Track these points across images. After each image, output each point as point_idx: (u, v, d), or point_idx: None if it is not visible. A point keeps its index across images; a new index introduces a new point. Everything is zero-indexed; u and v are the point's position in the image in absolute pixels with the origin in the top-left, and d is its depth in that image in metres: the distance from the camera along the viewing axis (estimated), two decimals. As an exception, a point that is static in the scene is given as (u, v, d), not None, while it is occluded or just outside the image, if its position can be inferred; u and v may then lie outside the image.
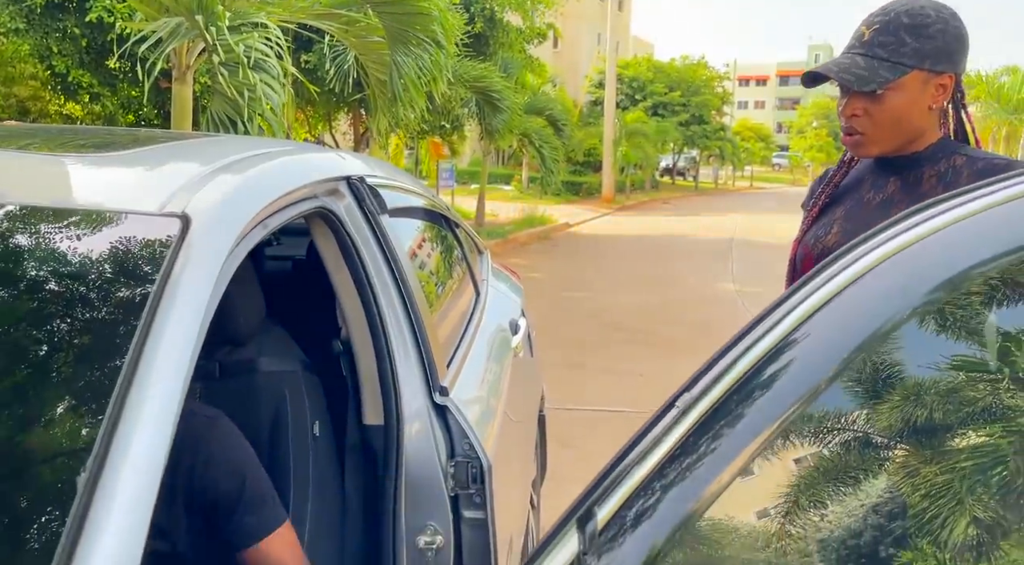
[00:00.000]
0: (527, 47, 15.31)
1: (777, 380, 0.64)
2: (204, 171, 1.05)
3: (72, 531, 0.61)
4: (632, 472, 0.61)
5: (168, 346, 0.76)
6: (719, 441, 0.63)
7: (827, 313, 0.64)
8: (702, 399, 0.63)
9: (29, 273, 0.86)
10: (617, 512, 0.60)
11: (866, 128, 1.42)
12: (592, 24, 37.82)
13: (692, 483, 0.62)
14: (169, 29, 4.26)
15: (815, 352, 0.64)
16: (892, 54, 1.36)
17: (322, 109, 11.75)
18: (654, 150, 26.70)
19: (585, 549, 0.58)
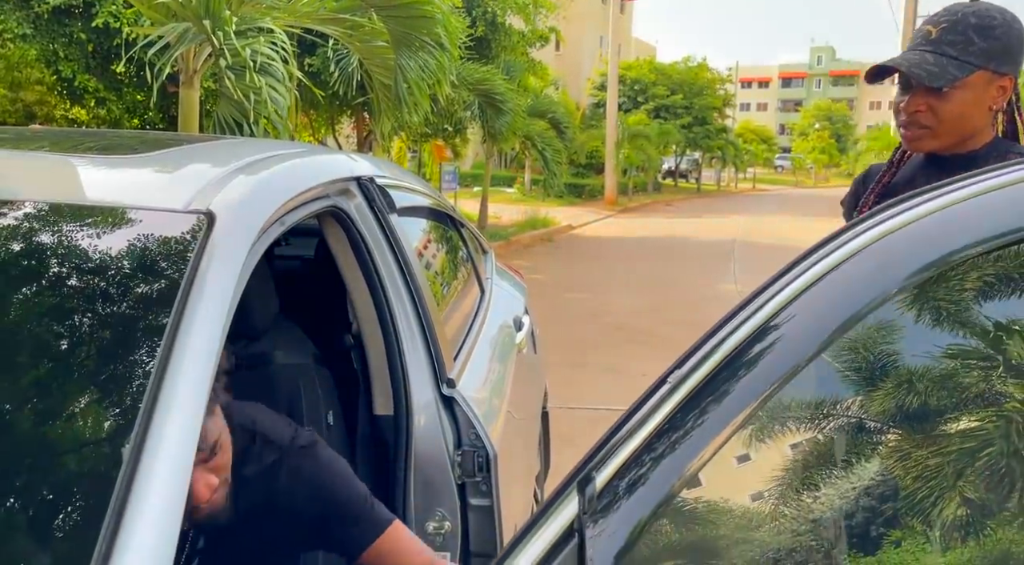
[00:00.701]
0: (529, 50, 15.37)
1: (761, 360, 0.68)
2: (225, 171, 1.11)
3: (113, 515, 0.66)
4: (627, 442, 0.65)
5: (197, 337, 0.81)
6: (705, 416, 0.68)
7: (809, 297, 0.69)
8: (691, 376, 0.68)
9: (64, 267, 0.92)
10: (612, 478, 0.64)
11: (929, 123, 1.45)
12: (594, 26, 37.90)
13: (680, 454, 0.67)
14: (177, 34, 4.32)
15: (797, 333, 0.68)
16: (961, 53, 1.40)
17: (325, 112, 11.83)
18: (656, 152, 26.74)
19: (584, 510, 0.62)
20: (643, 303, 8.37)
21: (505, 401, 1.88)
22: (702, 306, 8.29)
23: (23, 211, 0.99)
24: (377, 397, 1.46)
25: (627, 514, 0.63)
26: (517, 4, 13.33)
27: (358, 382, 1.54)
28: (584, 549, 0.61)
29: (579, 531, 0.62)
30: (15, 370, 0.81)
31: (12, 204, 1.00)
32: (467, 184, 21.04)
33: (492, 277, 2.45)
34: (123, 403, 0.76)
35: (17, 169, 1.13)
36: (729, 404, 0.68)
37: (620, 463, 0.64)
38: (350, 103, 9.82)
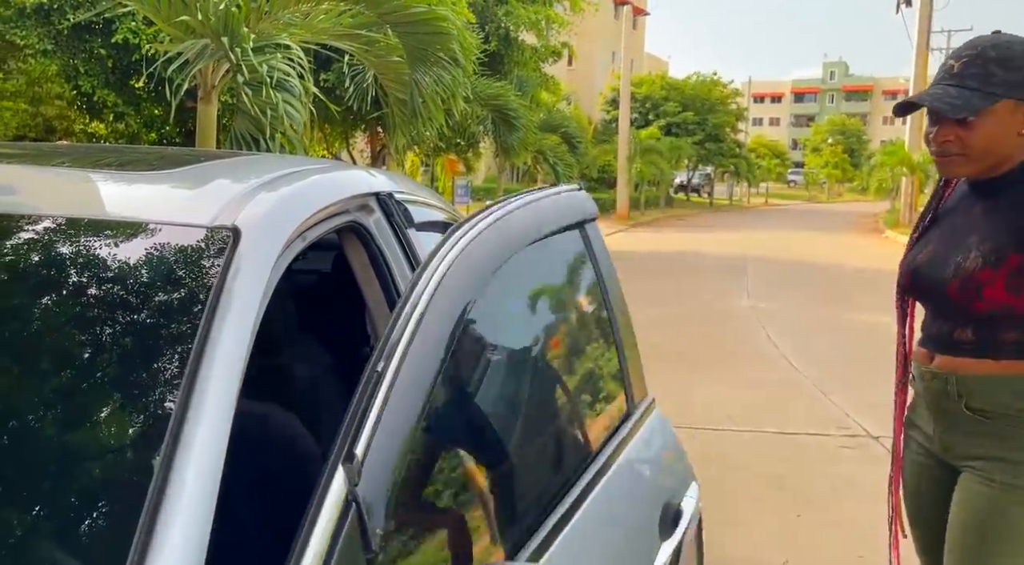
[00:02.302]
0: (542, 65, 15.49)
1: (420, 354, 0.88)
2: (248, 187, 1.12)
3: (148, 517, 0.67)
4: (365, 418, 0.79)
5: (224, 350, 0.82)
6: (409, 388, 0.86)
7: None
8: (390, 364, 0.84)
9: (95, 281, 0.93)
10: (366, 451, 0.77)
11: (959, 151, 1.52)
12: (606, 42, 38.10)
13: (404, 417, 0.85)
14: (196, 50, 4.39)
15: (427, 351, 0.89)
16: (983, 84, 1.47)
17: (340, 127, 11.95)
18: (668, 167, 26.78)
19: (354, 482, 0.74)
20: (657, 317, 8.35)
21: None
22: (716, 321, 8.26)
23: (56, 226, 1.01)
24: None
25: (383, 474, 0.79)
26: (530, 20, 13.45)
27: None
28: (362, 513, 0.73)
29: (354, 500, 0.73)
30: (50, 379, 0.82)
31: (43, 219, 1.02)
32: (479, 198, 21.12)
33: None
34: (154, 412, 0.78)
35: (48, 185, 1.16)
36: (419, 383, 0.88)
37: (367, 437, 0.78)
38: (364, 118, 9.92)
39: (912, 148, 22.30)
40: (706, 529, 3.40)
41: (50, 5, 8.74)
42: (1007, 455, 1.50)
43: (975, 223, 1.57)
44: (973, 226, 1.57)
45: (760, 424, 4.75)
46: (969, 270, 1.53)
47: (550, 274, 1.54)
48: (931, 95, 1.51)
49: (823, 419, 4.89)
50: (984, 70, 1.47)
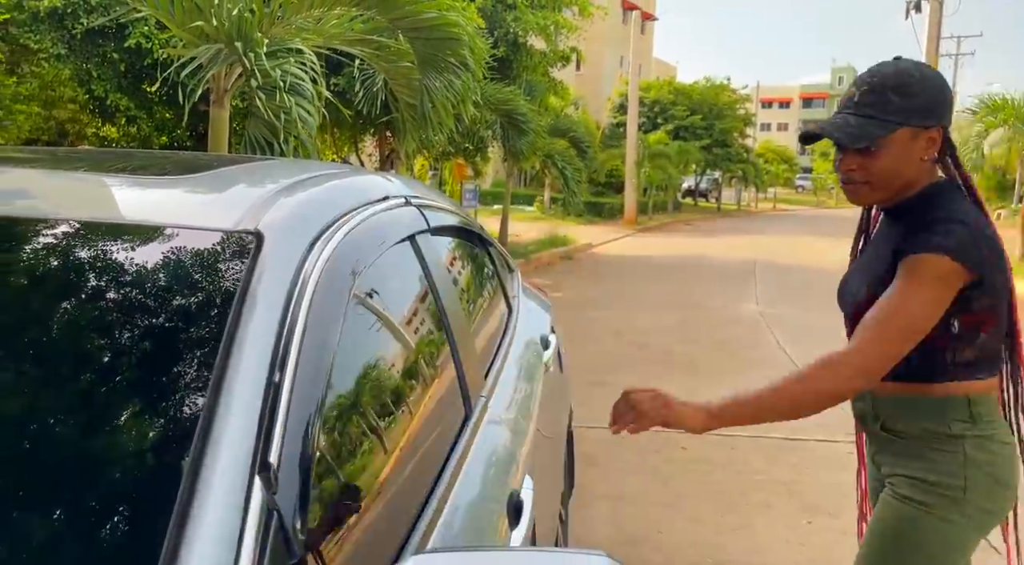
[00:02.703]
0: (550, 70, 15.50)
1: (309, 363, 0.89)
2: (269, 191, 1.15)
3: (179, 513, 0.69)
4: (273, 427, 0.80)
5: (250, 353, 0.84)
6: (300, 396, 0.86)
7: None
8: (284, 374, 0.85)
9: (121, 284, 0.95)
10: (279, 458, 0.78)
11: (863, 179, 1.54)
12: (614, 46, 38.13)
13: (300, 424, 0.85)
14: (209, 55, 4.43)
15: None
16: (881, 113, 1.48)
17: (348, 131, 11.99)
18: (676, 171, 26.75)
19: (272, 490, 0.74)
20: (664, 323, 8.35)
21: (534, 419, 1.89)
22: (724, 326, 8.25)
23: (80, 229, 1.03)
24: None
25: (297, 478, 0.79)
26: (539, 25, 13.47)
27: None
28: (283, 520, 0.74)
29: (274, 508, 0.74)
30: (76, 382, 0.84)
31: (69, 223, 1.04)
32: (486, 202, 21.16)
33: (519, 295, 2.47)
34: (184, 414, 0.79)
35: (73, 189, 1.18)
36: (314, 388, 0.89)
37: (278, 445, 0.79)
38: (374, 122, 9.96)
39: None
40: (715, 534, 3.40)
41: (64, 9, 8.82)
42: (915, 474, 1.54)
43: (877, 249, 1.61)
44: (875, 252, 1.62)
45: (768, 430, 4.75)
46: (860, 299, 1.58)
47: (391, 283, 1.49)
48: (832, 125, 1.52)
49: (831, 425, 4.87)
50: (882, 98, 1.48)
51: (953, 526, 1.52)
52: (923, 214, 1.50)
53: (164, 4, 4.43)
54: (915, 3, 18.73)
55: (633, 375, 6.07)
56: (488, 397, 1.58)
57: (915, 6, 18.96)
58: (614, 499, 3.76)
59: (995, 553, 1.65)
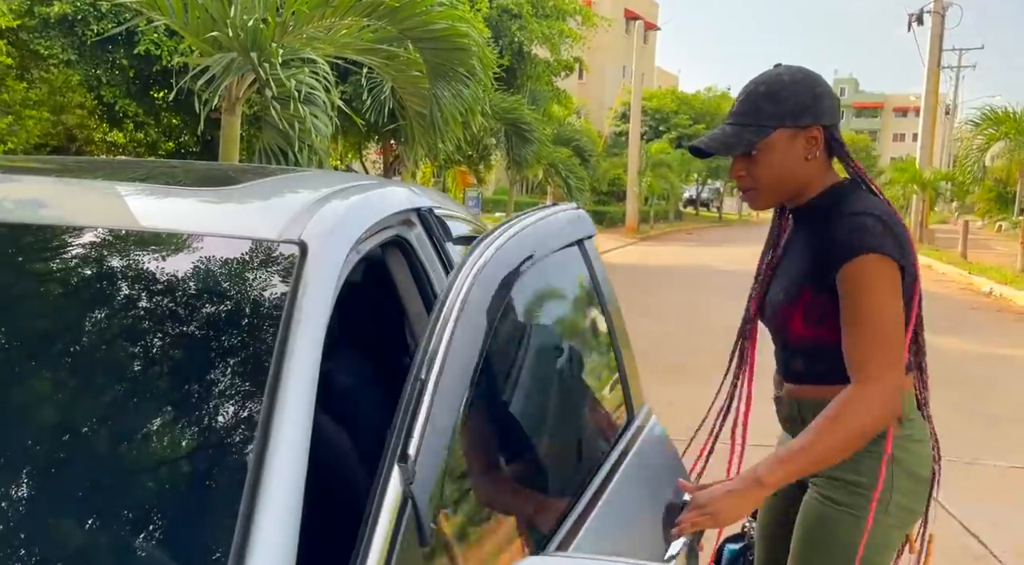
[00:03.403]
0: (554, 79, 15.62)
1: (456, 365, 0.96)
2: (308, 202, 1.20)
3: (247, 505, 0.74)
4: (415, 422, 0.86)
5: (301, 362, 0.89)
6: (450, 395, 0.94)
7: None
8: (431, 374, 0.92)
9: (173, 292, 1.01)
10: (417, 451, 0.84)
11: (752, 185, 1.59)
12: (617, 56, 38.31)
13: (445, 423, 0.92)
14: (223, 64, 4.50)
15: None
16: (754, 120, 1.54)
17: (354, 138, 12.09)
18: (678, 181, 26.86)
19: (409, 479, 0.80)
20: (667, 331, 8.40)
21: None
22: (727, 336, 8.27)
23: (129, 238, 1.09)
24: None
25: (432, 472, 0.86)
26: (543, 35, 13.59)
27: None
28: (418, 508, 0.80)
29: (411, 496, 0.80)
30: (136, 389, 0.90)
31: (117, 232, 1.10)
32: (489, 209, 21.24)
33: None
34: (241, 421, 0.84)
35: (116, 200, 1.23)
36: (458, 387, 0.96)
37: (418, 439, 0.85)
38: (380, 130, 10.05)
39: (923, 165, 22.31)
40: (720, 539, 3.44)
41: (74, 16, 8.91)
42: (838, 474, 1.58)
43: (799, 249, 1.64)
44: (788, 258, 1.67)
45: (767, 438, 4.79)
46: (777, 306, 1.65)
47: (557, 287, 1.62)
48: (711, 137, 1.59)
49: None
50: (754, 106, 1.55)
51: (877, 526, 1.55)
52: (831, 213, 1.54)
53: (180, 13, 4.50)
54: (917, 16, 18.86)
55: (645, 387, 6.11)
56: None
57: (917, 19, 19.09)
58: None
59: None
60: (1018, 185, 20.84)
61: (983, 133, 17.89)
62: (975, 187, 21.77)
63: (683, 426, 2.15)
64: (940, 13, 18.85)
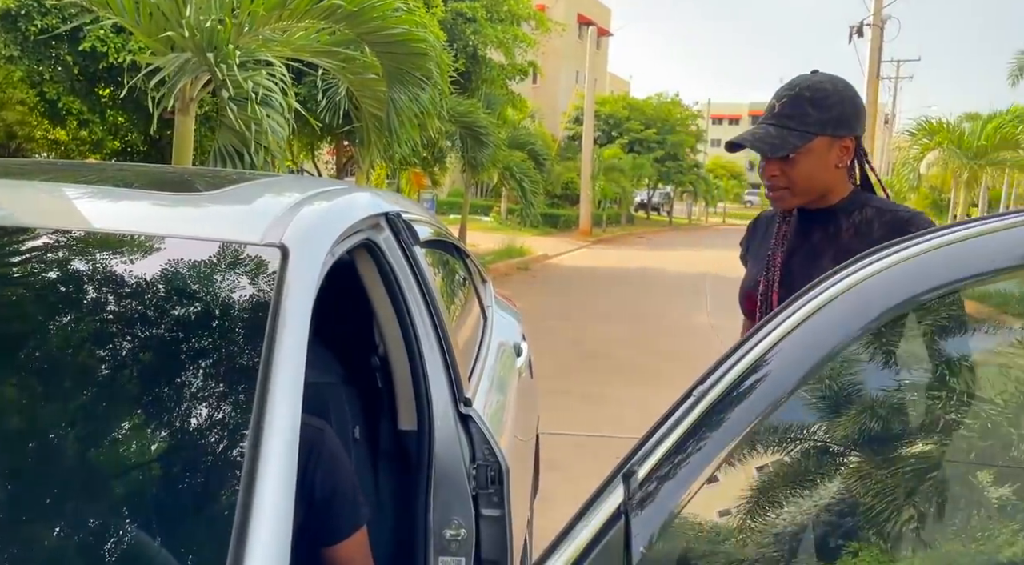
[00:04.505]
0: (508, 83, 15.71)
1: (758, 387, 0.84)
2: (285, 207, 1.25)
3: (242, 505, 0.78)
4: (662, 442, 0.80)
5: (287, 362, 0.93)
6: (721, 426, 0.84)
7: (789, 341, 0.85)
8: (710, 392, 0.84)
9: (158, 294, 1.05)
10: (651, 472, 0.79)
11: (785, 185, 1.66)
12: (570, 61, 38.63)
13: (703, 455, 0.82)
14: (178, 64, 4.45)
15: (780, 370, 0.84)
16: (799, 124, 1.61)
17: (306, 139, 11.97)
18: (630, 185, 27.26)
19: (630, 496, 0.76)
20: (620, 333, 8.56)
21: (509, 424, 2.02)
22: (678, 337, 8.49)
23: (107, 241, 1.12)
24: (402, 413, 1.59)
25: (663, 501, 0.78)
26: (498, 39, 13.66)
27: (382, 400, 1.67)
28: (630, 528, 0.76)
29: (625, 513, 0.76)
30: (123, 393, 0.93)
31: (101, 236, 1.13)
32: (443, 212, 21.22)
33: (492, 304, 2.60)
34: (232, 423, 0.89)
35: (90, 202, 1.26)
36: (739, 417, 0.84)
37: (657, 459, 0.79)
38: (334, 131, 9.98)
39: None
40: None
41: (17, 11, 8.64)
42: None
43: (816, 250, 1.66)
44: (814, 253, 1.67)
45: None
46: None
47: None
48: (754, 136, 1.64)
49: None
50: (800, 110, 1.60)
51: None
52: (866, 214, 1.62)
53: (131, 12, 4.45)
54: (858, 28, 19.53)
55: (592, 384, 6.24)
56: (472, 399, 1.69)
57: (858, 31, 19.76)
58: (575, 502, 3.88)
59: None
60: (951, 192, 21.73)
61: (919, 142, 18.62)
62: (911, 194, 22.61)
63: (634, 423, 2.23)
64: (879, 26, 19.55)
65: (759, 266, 1.77)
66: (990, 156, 19.41)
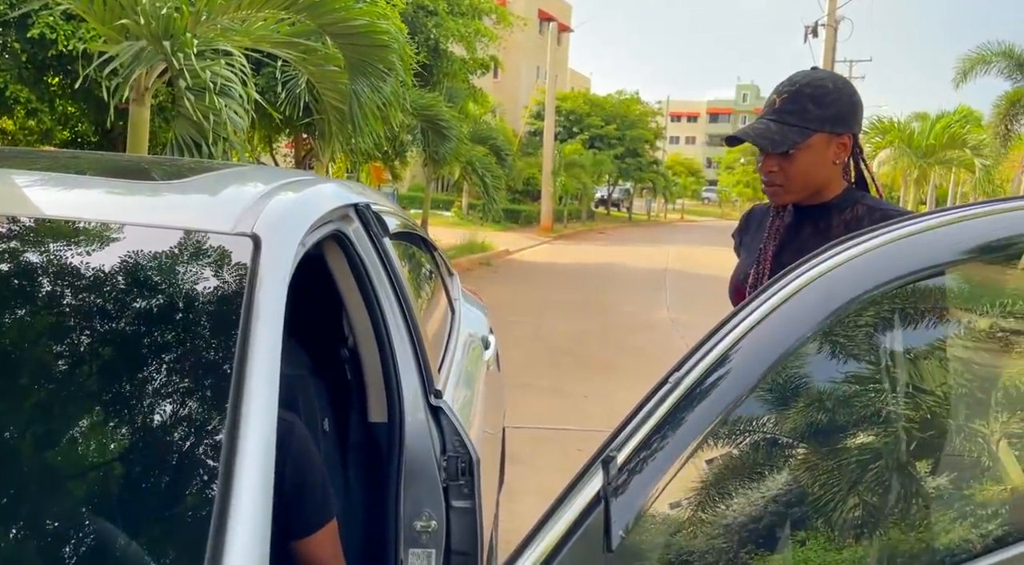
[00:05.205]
0: (470, 77, 15.66)
1: (728, 376, 0.87)
2: (255, 196, 1.23)
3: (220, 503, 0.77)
4: (639, 429, 0.83)
5: (263, 355, 0.92)
6: (697, 412, 0.86)
7: (751, 337, 0.87)
8: (685, 379, 0.86)
9: (128, 285, 1.02)
10: (629, 458, 0.81)
11: (782, 181, 1.67)
12: (531, 56, 38.66)
13: (679, 440, 0.84)
14: (132, 52, 4.34)
15: (742, 367, 0.87)
16: (799, 120, 1.62)
17: (263, 131, 11.77)
18: (591, 181, 27.43)
19: (608, 482, 0.78)
20: (581, 327, 8.62)
21: (478, 415, 2.02)
22: (638, 331, 8.58)
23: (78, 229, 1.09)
24: (372, 405, 1.58)
25: (641, 485, 0.81)
26: (459, 32, 13.61)
27: (351, 392, 1.66)
28: (609, 512, 0.78)
29: (604, 498, 0.78)
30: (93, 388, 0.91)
31: (70, 223, 1.10)
32: (403, 206, 21.04)
33: (459, 298, 2.59)
34: (208, 418, 0.87)
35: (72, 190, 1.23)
36: (714, 402, 0.86)
37: (635, 445, 0.81)
38: (293, 123, 9.84)
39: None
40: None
41: (-40, -5, 8.31)
42: None
43: (812, 245, 1.65)
44: (810, 247, 1.66)
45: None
46: None
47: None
48: (755, 130, 1.64)
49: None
50: (801, 106, 1.61)
51: None
52: (859, 211, 1.64)
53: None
54: (813, 28, 19.94)
55: (553, 377, 6.27)
56: (443, 391, 1.69)
57: (813, 31, 20.17)
58: (539, 494, 3.91)
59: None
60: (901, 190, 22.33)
61: (871, 141, 19.08)
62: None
63: (596, 417, 2.25)
64: (833, 26, 19.99)
65: (750, 259, 1.78)
66: (938, 155, 20.02)
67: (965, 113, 21.39)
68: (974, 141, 19.93)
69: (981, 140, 19.51)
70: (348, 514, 1.59)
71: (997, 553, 0.81)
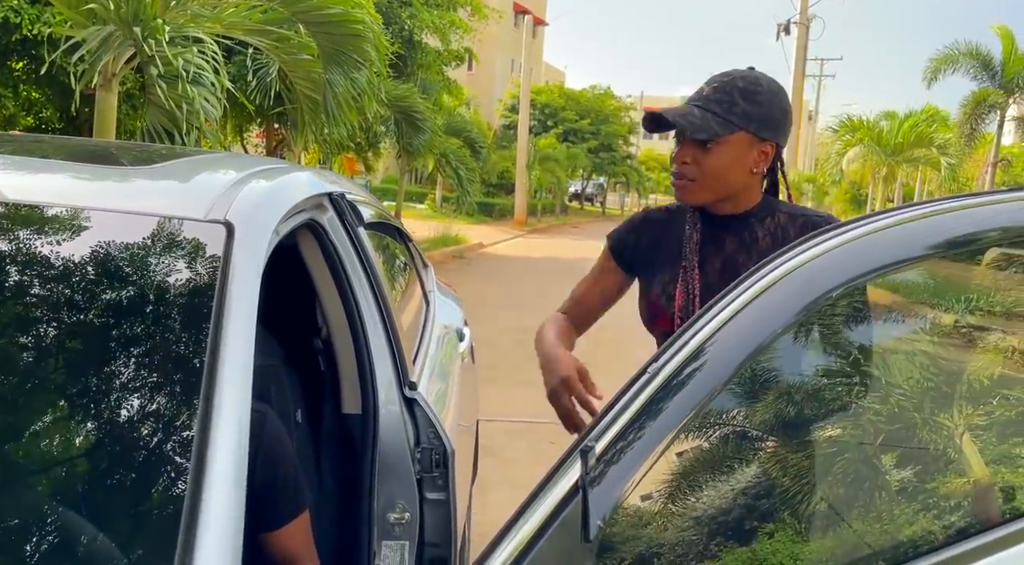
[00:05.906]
0: (444, 69, 15.58)
1: (705, 366, 0.87)
2: (227, 183, 1.21)
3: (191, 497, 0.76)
4: (617, 419, 0.83)
5: (236, 345, 0.90)
6: (675, 402, 0.86)
7: (723, 333, 0.88)
8: (663, 370, 0.86)
9: (96, 273, 1.00)
10: (607, 448, 0.81)
11: (694, 176, 1.54)
12: (506, 49, 38.58)
13: (657, 431, 0.85)
14: (100, 38, 4.25)
15: (715, 362, 0.87)
16: (725, 112, 1.53)
17: (235, 120, 11.60)
18: (565, 175, 27.49)
19: (587, 471, 0.78)
20: (555, 321, 8.63)
21: (453, 407, 2.01)
22: (611, 326, 8.59)
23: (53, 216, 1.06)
24: (346, 397, 1.57)
25: (620, 476, 0.81)
26: (434, 24, 13.53)
27: (324, 383, 1.65)
28: (587, 502, 0.78)
29: (583, 488, 0.78)
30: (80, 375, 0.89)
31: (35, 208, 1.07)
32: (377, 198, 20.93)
33: (434, 290, 2.58)
34: (179, 411, 0.85)
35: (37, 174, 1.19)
36: (692, 392, 0.87)
37: (614, 435, 0.82)
38: (265, 113, 9.71)
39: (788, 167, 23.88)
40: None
41: (-81, -24, 8.06)
42: None
43: (734, 259, 1.57)
44: (732, 261, 1.57)
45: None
46: None
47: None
48: (677, 113, 1.54)
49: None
50: (729, 98, 1.52)
51: None
52: (781, 220, 1.57)
53: (49, -20, 4.21)
54: (785, 26, 20.16)
55: (524, 371, 6.28)
56: (417, 383, 1.68)
57: (785, 29, 20.40)
58: (511, 487, 3.92)
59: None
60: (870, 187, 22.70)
61: (841, 139, 19.37)
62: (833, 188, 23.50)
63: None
64: (805, 25, 20.22)
65: (667, 279, 1.64)
66: (906, 153, 20.39)
67: (932, 113, 21.78)
68: (940, 140, 20.33)
69: (947, 139, 19.91)
70: (321, 506, 1.58)
71: (959, 544, 0.83)
